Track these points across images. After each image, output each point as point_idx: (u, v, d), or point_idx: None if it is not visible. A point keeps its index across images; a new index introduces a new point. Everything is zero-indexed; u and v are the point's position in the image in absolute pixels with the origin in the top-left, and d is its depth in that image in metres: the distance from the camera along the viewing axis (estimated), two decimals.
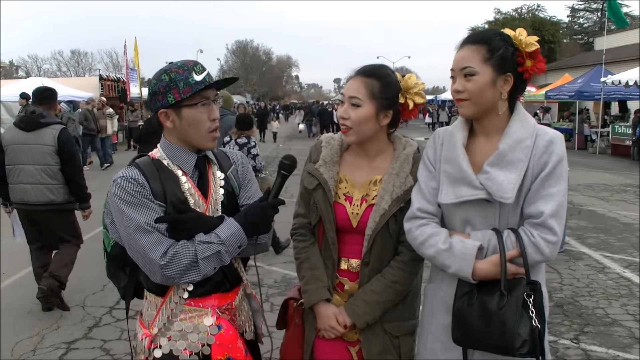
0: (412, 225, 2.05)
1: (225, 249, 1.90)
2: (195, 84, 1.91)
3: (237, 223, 1.94)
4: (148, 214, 1.87)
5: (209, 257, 1.87)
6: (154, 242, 1.84)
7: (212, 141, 2.00)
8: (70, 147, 5.07)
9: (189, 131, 1.96)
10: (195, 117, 1.94)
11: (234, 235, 1.91)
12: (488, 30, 2.05)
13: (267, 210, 1.97)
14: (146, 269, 1.88)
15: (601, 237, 7.99)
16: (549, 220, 1.86)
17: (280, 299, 5.30)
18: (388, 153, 2.24)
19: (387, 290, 2.13)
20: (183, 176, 1.98)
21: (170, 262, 1.83)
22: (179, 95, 1.90)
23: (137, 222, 1.85)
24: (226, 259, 1.93)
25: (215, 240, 1.88)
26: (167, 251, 1.83)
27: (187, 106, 1.93)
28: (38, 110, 5.04)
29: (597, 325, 4.85)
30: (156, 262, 1.82)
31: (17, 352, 4.38)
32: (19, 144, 4.96)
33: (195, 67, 1.93)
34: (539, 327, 1.82)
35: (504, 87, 1.95)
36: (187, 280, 1.88)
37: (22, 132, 4.98)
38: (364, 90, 2.12)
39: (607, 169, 15.94)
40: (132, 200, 1.87)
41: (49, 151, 4.95)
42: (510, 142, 1.93)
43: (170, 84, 1.91)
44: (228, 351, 1.99)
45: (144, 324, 2.05)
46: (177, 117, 1.94)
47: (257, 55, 76.76)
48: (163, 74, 1.93)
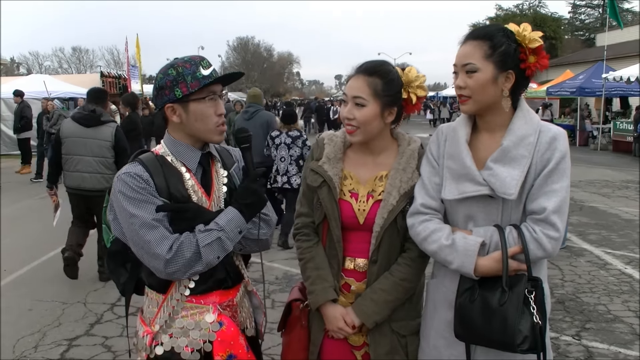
0: (415, 221, 2.05)
1: (226, 235, 1.90)
2: (203, 78, 1.90)
3: (233, 208, 1.95)
4: (153, 210, 1.86)
5: (210, 244, 1.87)
6: (160, 238, 1.84)
7: (220, 135, 2.00)
8: (123, 142, 5.77)
9: (196, 126, 1.95)
10: (203, 111, 1.93)
11: (232, 220, 1.92)
12: (491, 26, 2.03)
13: (251, 186, 1.99)
14: (151, 265, 1.88)
15: (602, 233, 7.98)
16: (551, 216, 1.85)
17: (281, 296, 5.35)
18: (392, 149, 2.22)
19: (396, 288, 2.11)
20: (187, 173, 1.98)
21: (175, 256, 1.83)
22: (187, 89, 1.89)
23: (142, 219, 1.84)
24: (228, 246, 1.93)
25: (215, 227, 1.89)
26: (172, 246, 1.84)
27: (194, 100, 1.92)
28: (98, 109, 5.73)
29: (599, 321, 4.85)
30: (162, 257, 1.82)
31: (18, 349, 4.39)
32: (78, 137, 5.63)
33: (202, 62, 1.93)
34: (540, 323, 1.82)
35: (506, 84, 1.93)
36: (191, 273, 1.88)
37: (81, 127, 5.65)
38: (367, 89, 2.09)
39: (609, 165, 15.93)
40: (137, 196, 1.86)
41: (107, 146, 5.67)
42: (513, 139, 1.92)
43: (178, 78, 1.90)
44: (230, 348, 1.99)
45: (145, 321, 2.04)
46: (184, 111, 1.94)
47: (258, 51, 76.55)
48: (170, 68, 1.92)
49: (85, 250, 5.59)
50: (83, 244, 5.87)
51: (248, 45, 76.22)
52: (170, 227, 1.88)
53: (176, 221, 1.90)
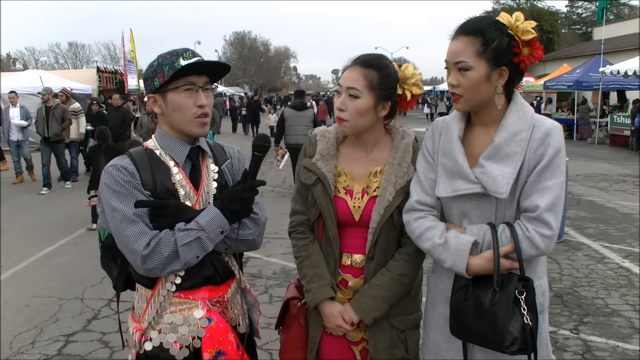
0: (410, 218, 2.04)
1: (206, 235, 1.86)
2: (179, 68, 1.87)
3: (215, 208, 1.91)
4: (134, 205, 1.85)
5: (188, 243, 1.84)
6: (139, 233, 1.82)
7: (200, 127, 1.95)
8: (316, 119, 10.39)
9: (173, 116, 1.93)
10: (180, 102, 1.90)
11: (213, 220, 1.88)
12: (482, 19, 1.93)
13: (242, 194, 1.92)
14: (130, 260, 1.86)
15: (600, 227, 7.99)
16: (544, 214, 1.83)
17: (279, 291, 5.35)
18: (385, 144, 2.20)
19: (393, 283, 2.10)
20: (175, 167, 1.95)
21: (152, 253, 1.80)
22: (163, 78, 1.89)
23: (123, 213, 1.83)
24: (208, 246, 1.89)
25: (195, 227, 1.86)
26: (150, 242, 1.81)
27: (171, 90, 1.90)
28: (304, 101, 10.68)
29: (597, 315, 4.85)
30: (139, 252, 1.80)
31: (16, 345, 4.38)
32: (293, 117, 10.21)
33: (185, 53, 1.91)
34: (530, 324, 1.80)
35: (499, 81, 1.89)
36: (169, 271, 1.86)
37: (294, 111, 10.30)
38: (362, 81, 2.07)
39: (606, 159, 15.94)
40: (120, 189, 1.85)
41: (309, 122, 10.16)
42: (505, 135, 1.89)
43: (158, 68, 1.90)
44: (218, 344, 1.97)
45: (135, 317, 2.03)
46: (163, 101, 1.93)
47: (255, 46, 76.39)
48: (154, 60, 1.93)
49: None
50: None
51: (245, 40, 76.07)
52: (150, 224, 1.86)
53: (157, 217, 1.87)
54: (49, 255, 6.77)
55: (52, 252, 6.91)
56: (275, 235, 7.05)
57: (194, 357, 1.96)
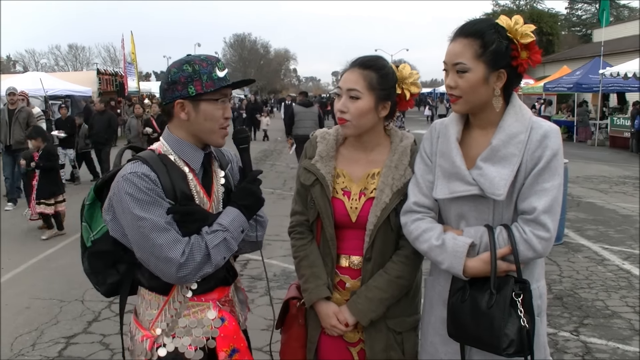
0: (408, 220, 2.04)
1: (231, 235, 1.89)
2: (219, 80, 1.89)
3: (234, 208, 1.94)
4: (163, 213, 1.82)
5: (217, 245, 1.85)
6: (173, 241, 1.79)
7: (223, 137, 1.98)
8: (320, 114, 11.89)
9: (204, 125, 1.91)
10: (213, 112, 1.91)
11: (235, 220, 1.91)
12: (482, 22, 1.95)
13: (251, 188, 1.97)
14: (160, 268, 1.81)
15: (600, 229, 8.00)
16: (541, 216, 1.83)
17: (280, 293, 5.34)
18: (384, 146, 2.22)
19: (390, 285, 2.11)
20: (189, 173, 1.94)
21: (187, 260, 1.79)
22: (202, 88, 1.87)
23: (152, 222, 1.79)
24: (233, 246, 1.91)
25: (220, 228, 1.88)
26: (184, 249, 1.80)
27: (206, 100, 1.89)
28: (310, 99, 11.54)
29: (597, 317, 4.85)
30: (176, 261, 1.77)
31: (16, 347, 4.38)
32: (301, 112, 11.76)
33: (218, 63, 1.91)
34: (527, 327, 1.80)
35: (497, 84, 1.89)
36: (201, 275, 1.86)
37: (303, 107, 11.85)
38: (362, 82, 2.08)
39: (606, 161, 15.95)
40: (146, 198, 1.80)
41: (315, 117, 11.77)
42: (503, 137, 1.89)
43: (194, 75, 1.87)
44: (233, 342, 1.99)
45: (142, 325, 1.99)
46: (193, 109, 1.90)
47: (255, 48, 76.38)
48: (185, 64, 1.88)
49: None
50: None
51: (245, 42, 76.07)
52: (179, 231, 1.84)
53: (186, 223, 1.85)
54: (49, 257, 6.77)
55: (52, 254, 6.92)
56: (276, 237, 7.05)
57: (209, 358, 1.97)
